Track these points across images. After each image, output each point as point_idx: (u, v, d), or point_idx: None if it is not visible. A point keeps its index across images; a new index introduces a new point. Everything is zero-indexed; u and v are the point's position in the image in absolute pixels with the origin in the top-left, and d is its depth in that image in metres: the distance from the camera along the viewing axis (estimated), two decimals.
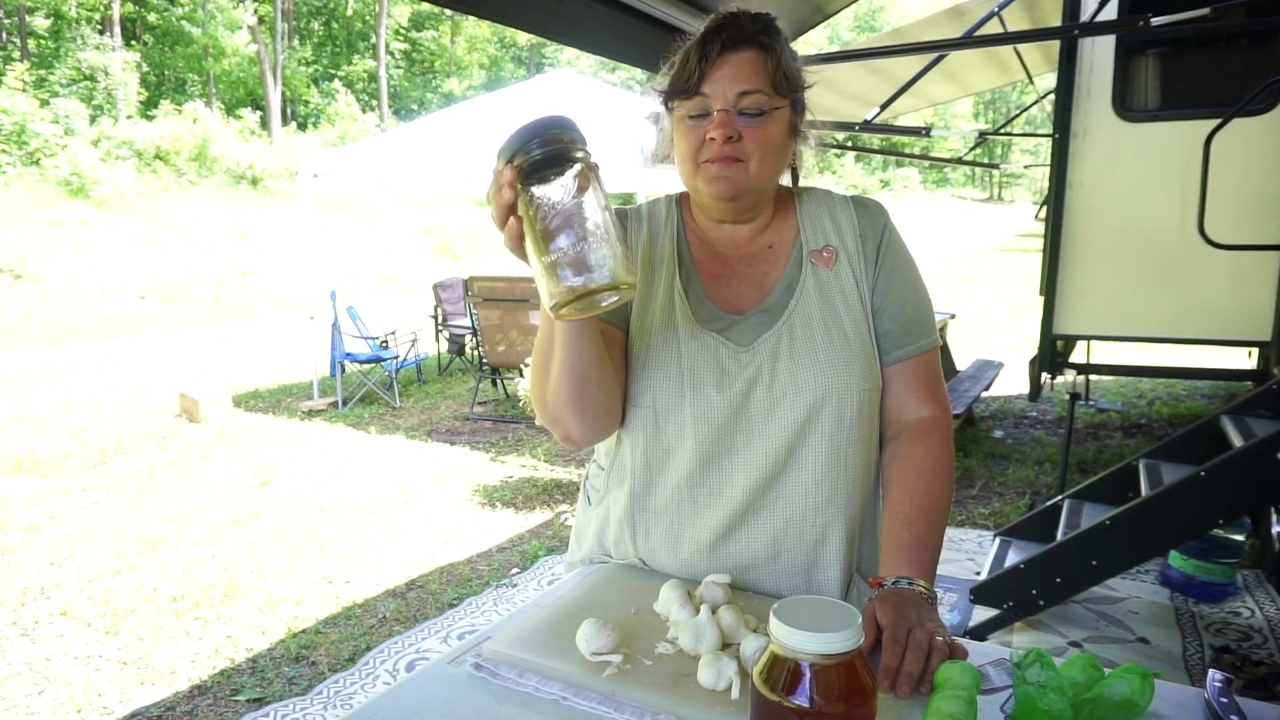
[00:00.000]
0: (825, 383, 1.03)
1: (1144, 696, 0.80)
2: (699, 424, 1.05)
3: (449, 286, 8.27)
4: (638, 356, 1.08)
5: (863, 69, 5.21)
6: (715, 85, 0.99)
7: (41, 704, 2.63)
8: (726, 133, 0.99)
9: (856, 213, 1.12)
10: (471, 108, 7.25)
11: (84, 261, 13.92)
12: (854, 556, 1.10)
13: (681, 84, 1.01)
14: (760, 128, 1.01)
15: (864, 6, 47.00)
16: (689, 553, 1.08)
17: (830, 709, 0.60)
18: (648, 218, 1.16)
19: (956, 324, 8.54)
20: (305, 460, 5.31)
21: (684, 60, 1.02)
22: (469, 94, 30.57)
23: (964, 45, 4.25)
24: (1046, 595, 2.72)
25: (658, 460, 1.09)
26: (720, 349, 1.05)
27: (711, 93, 1.00)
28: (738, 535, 1.06)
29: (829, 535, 1.06)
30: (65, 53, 22.93)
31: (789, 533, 1.06)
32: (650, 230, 1.14)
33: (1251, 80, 3.49)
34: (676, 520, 1.09)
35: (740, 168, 1.01)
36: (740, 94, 0.99)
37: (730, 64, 0.99)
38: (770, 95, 1.00)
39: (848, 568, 1.09)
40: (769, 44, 1.01)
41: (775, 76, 1.00)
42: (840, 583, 1.08)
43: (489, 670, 0.89)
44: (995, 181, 53.47)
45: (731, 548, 1.07)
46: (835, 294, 1.07)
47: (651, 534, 1.11)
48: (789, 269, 1.09)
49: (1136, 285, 3.94)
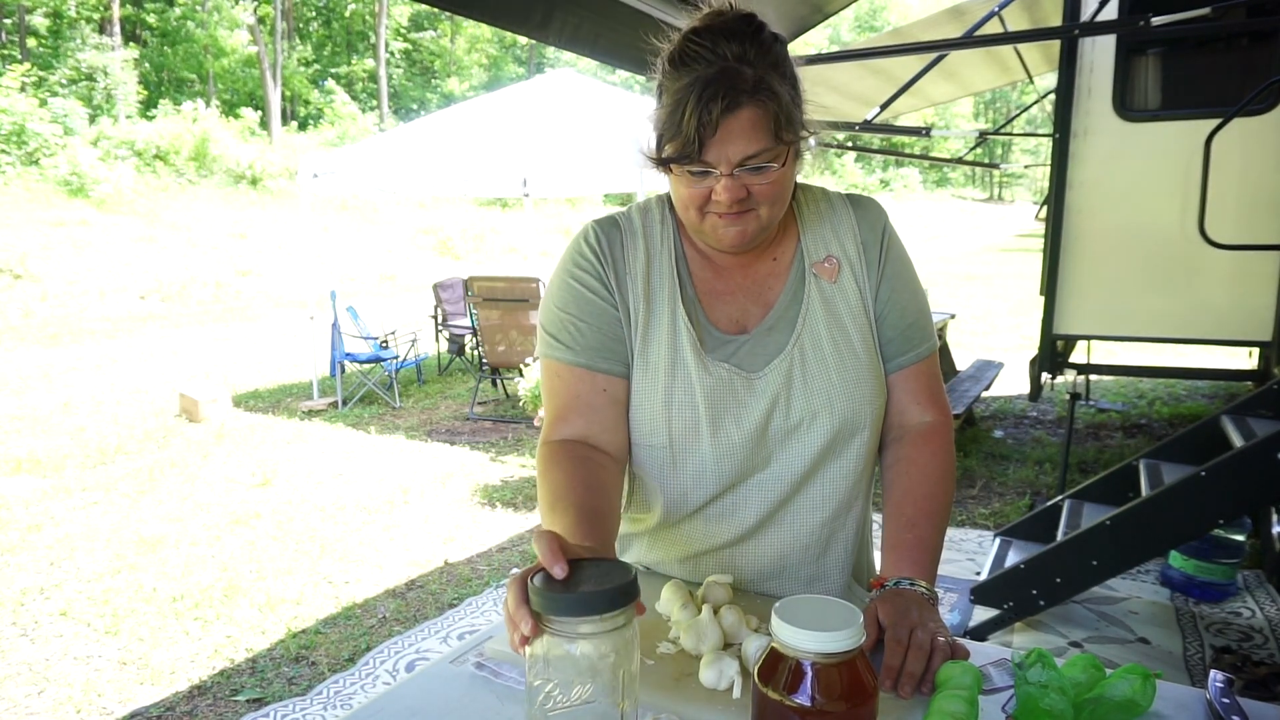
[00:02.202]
0: (841, 407, 1.02)
1: (1145, 697, 0.80)
2: (720, 461, 1.03)
3: (449, 286, 8.27)
4: (648, 393, 1.03)
5: (863, 69, 5.21)
6: (717, 151, 0.91)
7: (41, 704, 2.62)
8: (734, 195, 0.93)
9: (856, 217, 1.09)
10: (471, 108, 7.25)
11: (84, 261, 13.92)
12: (854, 564, 1.11)
13: (678, 149, 0.92)
14: (768, 178, 0.94)
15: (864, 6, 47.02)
16: (694, 564, 1.10)
17: (831, 708, 0.59)
18: (642, 232, 1.08)
19: (956, 324, 8.54)
20: (305, 460, 5.31)
21: (677, 122, 0.91)
22: (469, 94, 30.57)
23: (964, 45, 4.25)
24: (1047, 595, 2.71)
25: (673, 496, 1.06)
26: (734, 380, 1.02)
27: (714, 159, 0.92)
28: (745, 549, 1.07)
29: (832, 547, 1.07)
30: (65, 52, 22.92)
31: (795, 547, 1.06)
32: (647, 249, 1.07)
33: (1251, 80, 3.49)
34: (687, 539, 1.09)
35: (751, 217, 0.96)
36: (745, 157, 0.92)
37: (731, 126, 0.90)
38: (775, 148, 0.92)
39: (847, 576, 1.10)
40: (770, 95, 0.91)
41: (779, 126, 0.92)
42: (840, 592, 1.09)
43: (491, 669, 0.89)
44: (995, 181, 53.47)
45: (739, 561, 1.07)
46: (841, 308, 1.05)
47: (658, 546, 1.13)
48: (791, 282, 1.07)
49: (1137, 285, 3.94)
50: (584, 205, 21.93)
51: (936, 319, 5.81)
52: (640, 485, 1.10)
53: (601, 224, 1.09)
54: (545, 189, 8.97)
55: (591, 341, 1.03)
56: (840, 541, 1.07)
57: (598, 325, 1.04)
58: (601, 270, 1.05)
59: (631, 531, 1.16)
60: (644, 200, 1.13)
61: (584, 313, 1.04)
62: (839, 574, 1.08)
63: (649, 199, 1.13)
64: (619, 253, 1.06)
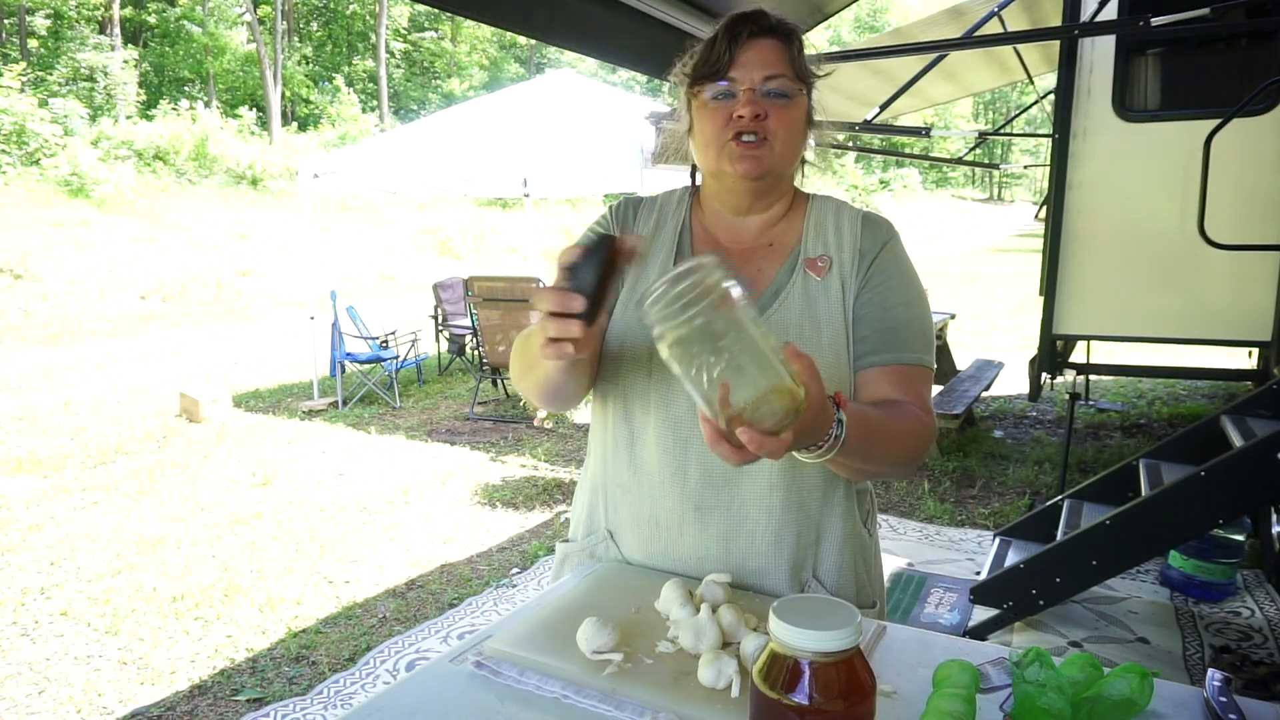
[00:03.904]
0: None
1: (1143, 695, 0.80)
2: (660, 409, 1.08)
3: (449, 286, 8.28)
4: (617, 339, 1.12)
5: (863, 69, 5.21)
6: (742, 69, 1.04)
7: (41, 704, 2.63)
8: (755, 110, 1.03)
9: (862, 228, 1.11)
10: (472, 108, 7.26)
11: (84, 261, 13.92)
12: (808, 566, 1.09)
13: (709, 67, 1.05)
14: (785, 109, 1.05)
15: (864, 7, 47.03)
16: (648, 533, 1.12)
17: (829, 706, 0.60)
18: (659, 208, 1.20)
19: (956, 324, 8.54)
20: (305, 460, 5.31)
21: (710, 46, 1.06)
22: (469, 94, 30.57)
23: (964, 45, 4.25)
24: (1046, 595, 2.72)
25: (624, 438, 1.13)
26: None
27: (739, 75, 1.04)
28: (692, 527, 1.08)
29: (782, 542, 1.07)
30: (65, 53, 22.92)
31: (741, 532, 1.07)
32: (658, 219, 1.19)
33: (1251, 80, 3.49)
34: (637, 499, 1.13)
35: (766, 147, 1.04)
36: (766, 77, 1.04)
37: (756, 49, 1.04)
38: (793, 80, 1.05)
39: (799, 574, 1.08)
40: (790, 34, 1.07)
41: (797, 63, 1.06)
42: (789, 590, 1.07)
43: (490, 669, 0.89)
44: (995, 181, 53.50)
45: (687, 538, 1.09)
46: (820, 302, 1.07)
47: (619, 509, 1.16)
48: (782, 272, 1.10)
49: (1136, 285, 3.94)
50: (584, 205, 21.91)
51: (936, 319, 5.82)
52: (598, 419, 1.18)
53: (629, 199, 1.23)
54: (545, 189, 8.97)
55: None
56: (790, 539, 1.06)
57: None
58: (611, 226, 1.19)
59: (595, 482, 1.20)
60: (670, 190, 1.24)
61: None
62: (787, 570, 1.07)
63: (675, 189, 1.23)
64: (630, 219, 1.20)
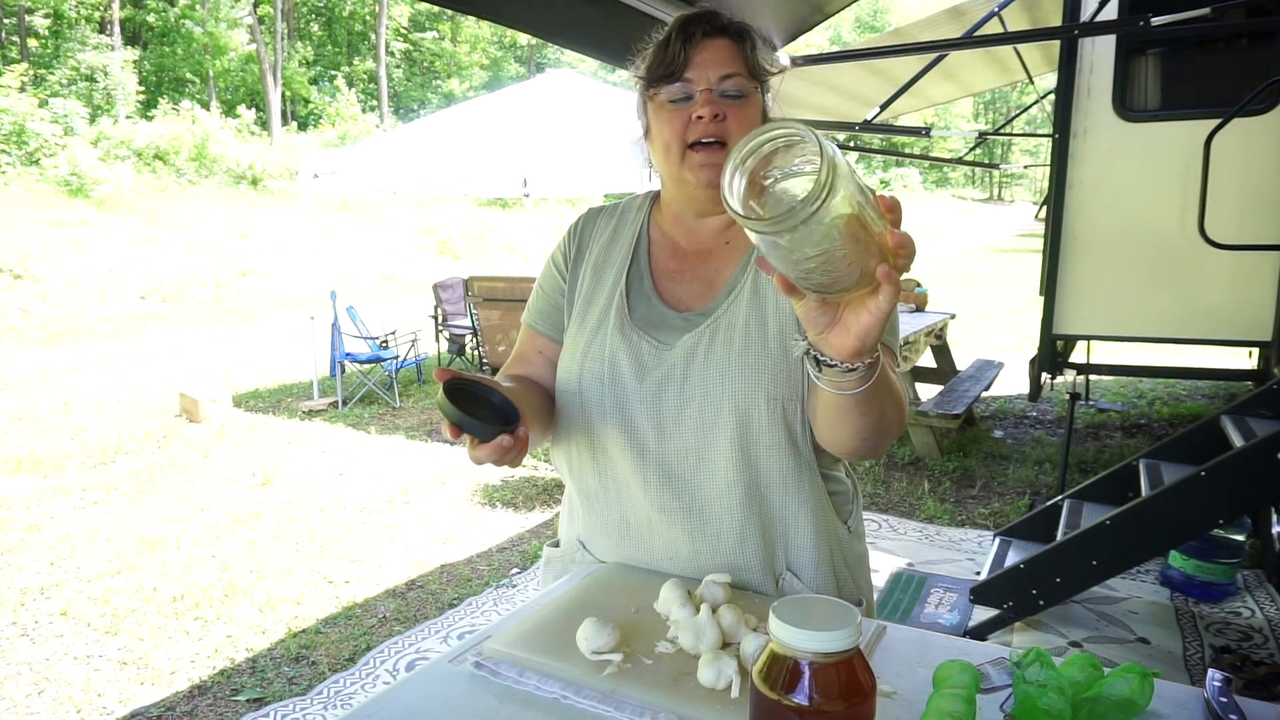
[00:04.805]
0: (731, 389, 1.04)
1: (1143, 695, 0.80)
2: (615, 413, 1.09)
3: (449, 286, 8.28)
4: (572, 343, 1.14)
5: (863, 69, 5.21)
6: (698, 69, 1.03)
7: (41, 704, 2.63)
8: (714, 110, 1.02)
9: None
10: (472, 108, 7.26)
11: (84, 261, 13.92)
12: (780, 560, 1.09)
13: (664, 68, 1.04)
14: (742, 109, 1.04)
15: (864, 7, 47.03)
16: (618, 537, 1.13)
17: (829, 707, 0.60)
18: (619, 215, 1.21)
19: (956, 324, 8.53)
20: (305, 460, 5.31)
21: (664, 46, 1.05)
22: (469, 94, 30.58)
23: (964, 45, 4.25)
24: (1046, 595, 2.72)
25: (585, 446, 1.13)
26: (644, 347, 1.09)
27: (695, 76, 1.03)
28: (659, 527, 1.09)
29: (747, 538, 1.07)
30: (65, 52, 22.93)
31: (706, 532, 1.07)
32: (615, 228, 1.20)
33: (1251, 80, 3.49)
34: (605, 506, 1.14)
35: (725, 152, 1.02)
36: (723, 76, 1.03)
37: (710, 49, 1.04)
38: (748, 78, 1.05)
39: (771, 569, 1.08)
40: (743, 33, 1.07)
41: (751, 61, 1.06)
42: (762, 585, 1.07)
43: (489, 669, 0.89)
44: (995, 181, 53.51)
45: (656, 539, 1.10)
46: (769, 300, 1.06)
47: (590, 516, 1.16)
48: (737, 271, 1.11)
49: (1136, 285, 3.94)
50: (584, 205, 21.82)
51: (936, 319, 5.83)
52: (561, 430, 1.17)
53: (591, 210, 1.24)
54: (545, 189, 8.96)
55: (542, 306, 1.21)
56: (754, 535, 1.06)
57: (549, 295, 1.21)
58: (567, 248, 1.21)
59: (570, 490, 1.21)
60: (634, 196, 1.25)
61: (544, 282, 1.22)
62: (759, 566, 1.07)
63: (637, 195, 1.24)
64: (589, 233, 1.21)
